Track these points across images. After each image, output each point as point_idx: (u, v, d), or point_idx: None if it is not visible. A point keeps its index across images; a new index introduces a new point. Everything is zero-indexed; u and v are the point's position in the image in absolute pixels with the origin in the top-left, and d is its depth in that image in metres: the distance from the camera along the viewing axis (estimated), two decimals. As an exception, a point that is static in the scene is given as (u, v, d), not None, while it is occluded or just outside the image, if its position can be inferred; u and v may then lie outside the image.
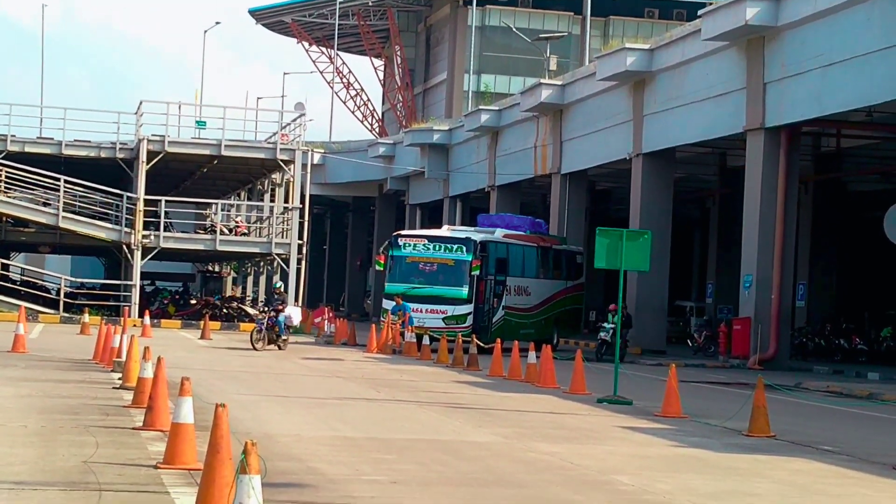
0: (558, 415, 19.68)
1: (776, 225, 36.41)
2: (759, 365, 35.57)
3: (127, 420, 15.44)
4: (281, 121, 52.55)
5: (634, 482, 12.73)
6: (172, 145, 47.86)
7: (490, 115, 56.00)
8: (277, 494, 10.55)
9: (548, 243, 43.61)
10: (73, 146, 49.01)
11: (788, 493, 12.74)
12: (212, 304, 52.17)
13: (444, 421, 17.89)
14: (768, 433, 17.61)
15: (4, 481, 10.68)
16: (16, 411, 16.03)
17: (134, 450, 12.94)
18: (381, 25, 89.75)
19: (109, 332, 25.38)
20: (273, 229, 49.49)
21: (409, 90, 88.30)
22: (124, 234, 46.75)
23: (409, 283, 37.98)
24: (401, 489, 11.64)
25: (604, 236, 22.87)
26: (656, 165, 43.38)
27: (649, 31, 75.73)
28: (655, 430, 18.00)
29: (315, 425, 16.53)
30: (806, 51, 34.21)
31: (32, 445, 12.99)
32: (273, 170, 51.54)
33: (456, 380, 26.47)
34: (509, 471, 13.21)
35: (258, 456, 8.21)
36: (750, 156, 37.16)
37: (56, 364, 24.84)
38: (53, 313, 46.04)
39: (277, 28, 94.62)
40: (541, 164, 51.75)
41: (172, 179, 55.65)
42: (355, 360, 32.19)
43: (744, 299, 37.45)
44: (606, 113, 46.18)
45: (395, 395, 21.64)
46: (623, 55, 42.57)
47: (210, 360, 29.06)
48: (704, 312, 53.08)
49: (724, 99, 38.27)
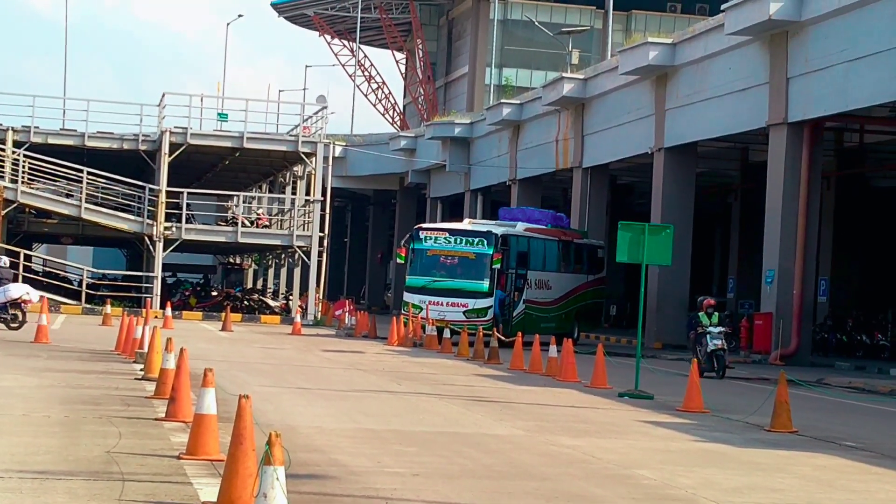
0: (579, 408, 19.67)
1: (798, 220, 36.28)
2: (781, 360, 35.46)
3: (149, 411, 15.49)
4: (303, 113, 52.67)
5: (656, 476, 12.71)
6: (195, 137, 47.97)
7: (512, 109, 55.93)
8: (300, 486, 10.56)
9: (569, 237, 43.55)
10: (96, 138, 49.18)
11: (811, 488, 12.70)
12: (233, 295, 52.34)
13: (465, 414, 17.89)
14: (790, 429, 17.56)
15: (29, 471, 10.73)
16: (39, 401, 16.10)
17: (156, 440, 12.99)
18: (404, 19, 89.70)
19: (132, 324, 25.48)
20: (294, 222, 49.55)
21: (431, 83, 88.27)
22: (146, 226, 46.90)
23: (430, 277, 37.97)
24: (423, 481, 11.65)
25: (626, 230, 22.83)
26: (678, 160, 43.28)
27: (671, 26, 75.52)
28: (677, 424, 17.97)
29: (337, 417, 16.55)
30: (830, 45, 34.06)
31: (56, 435, 13.04)
32: (295, 162, 51.62)
33: (477, 373, 26.47)
34: (531, 464, 13.20)
35: (282, 447, 8.23)
36: (772, 151, 37.03)
37: (78, 355, 24.93)
38: (75, 304, 46.23)
39: (299, 21, 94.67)
40: (562, 158, 51.68)
41: (194, 171, 55.79)
42: (376, 352, 32.22)
43: (765, 294, 37.34)
44: (628, 107, 46.09)
45: (417, 388, 21.65)
46: (645, 49, 42.46)
47: (231, 351, 29.12)
48: (726, 307, 52.92)
49: (746, 94, 38.15)
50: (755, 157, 47.84)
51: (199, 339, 32.99)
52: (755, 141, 43.22)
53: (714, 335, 28.42)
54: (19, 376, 19.38)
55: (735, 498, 11.72)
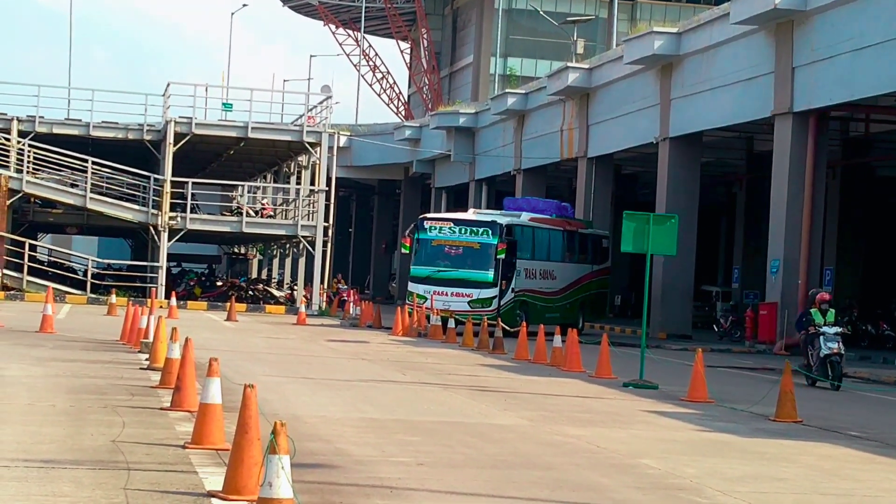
0: (584, 398, 19.67)
1: (804, 210, 36.25)
2: (786, 350, 35.45)
3: (154, 400, 15.51)
4: (307, 103, 52.65)
5: (661, 466, 12.72)
6: (199, 127, 47.96)
7: (516, 99, 55.89)
8: (305, 475, 10.57)
9: (573, 227, 43.52)
10: (101, 128, 49.21)
11: (816, 477, 12.70)
12: (238, 285, 52.35)
13: (469, 404, 17.90)
14: (795, 418, 17.57)
15: (34, 459, 10.75)
16: (44, 391, 16.13)
17: (162, 430, 13.00)
18: (408, 8, 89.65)
19: (136, 313, 25.48)
20: (299, 212, 49.56)
21: (436, 73, 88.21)
22: (151, 216, 46.91)
23: (434, 266, 37.98)
24: (427, 471, 11.66)
25: (631, 220, 22.82)
26: (683, 149, 43.24)
27: (677, 15, 75.40)
28: (681, 414, 17.98)
29: (341, 407, 16.56)
30: (836, 35, 34.00)
31: (61, 425, 13.06)
32: (299, 152, 51.61)
33: (481, 363, 26.49)
34: (536, 453, 13.21)
35: (287, 436, 8.24)
36: (778, 140, 37.00)
37: (83, 344, 24.96)
38: (80, 294, 46.27)
39: (304, 10, 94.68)
40: (567, 148, 51.64)
41: (199, 161, 55.80)
42: (381, 342, 32.24)
43: (770, 284, 37.32)
44: (633, 97, 46.04)
45: (421, 378, 21.67)
46: (650, 39, 42.40)
47: (236, 341, 29.15)
48: (730, 297, 52.92)
49: (752, 83, 38.10)
50: (760, 147, 47.79)
51: (204, 328, 33.02)
52: (760, 130, 43.16)
53: (829, 337, 23.94)
54: (25, 366, 19.41)
55: (740, 487, 11.73)
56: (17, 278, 45.75)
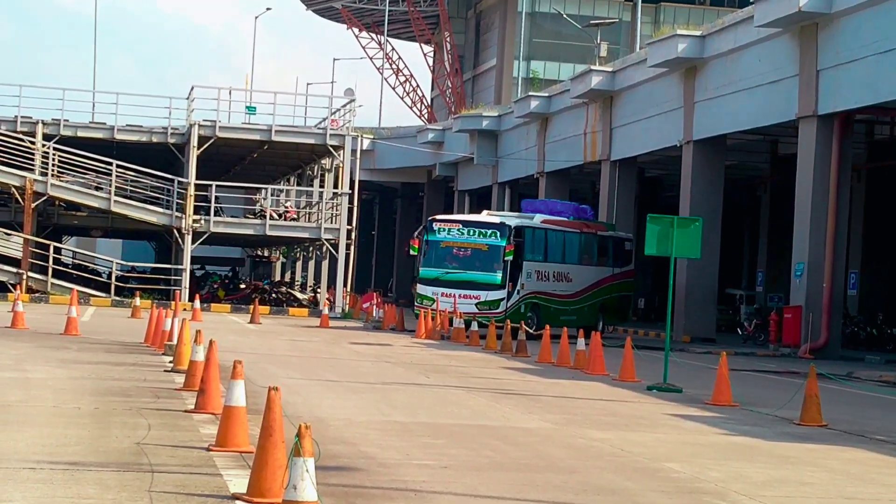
0: (608, 402, 19.63)
1: (828, 213, 36.10)
2: (810, 354, 35.31)
3: (178, 403, 15.54)
4: (331, 106, 52.70)
5: (686, 469, 12.68)
6: (223, 130, 48.07)
7: (540, 102, 55.86)
8: (329, 478, 10.57)
9: (592, 229, 43.28)
10: (125, 131, 49.38)
11: (841, 482, 12.64)
12: (261, 288, 52.43)
13: (493, 406, 17.88)
14: (820, 422, 17.48)
15: (59, 461, 10.79)
16: (69, 393, 16.18)
17: (186, 432, 13.02)
18: (431, 11, 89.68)
19: (161, 316, 25.54)
20: (322, 214, 49.59)
21: (459, 76, 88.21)
22: (175, 219, 47.03)
23: (443, 268, 37.93)
24: (451, 474, 11.65)
25: (654, 223, 22.76)
26: (707, 153, 43.12)
27: (700, 18, 75.25)
28: (706, 418, 17.92)
29: (365, 409, 16.56)
30: (860, 37, 33.86)
31: (86, 427, 13.10)
32: (323, 155, 51.68)
33: (504, 366, 26.46)
34: (560, 457, 13.18)
35: (312, 439, 8.24)
36: (802, 143, 36.86)
37: (108, 347, 25.03)
38: (105, 297, 46.41)
39: (327, 14, 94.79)
40: (590, 151, 51.56)
41: (223, 164, 55.93)
42: (404, 345, 32.23)
43: (795, 287, 37.17)
44: (657, 100, 45.94)
45: (444, 381, 21.65)
46: (674, 42, 42.30)
47: (260, 344, 29.19)
48: (755, 300, 52.74)
49: (776, 86, 37.96)
50: (784, 150, 47.61)
51: (228, 331, 33.08)
52: (785, 134, 43.02)
53: None
54: (50, 368, 19.49)
55: (765, 491, 11.68)
56: (41, 281, 45.93)
